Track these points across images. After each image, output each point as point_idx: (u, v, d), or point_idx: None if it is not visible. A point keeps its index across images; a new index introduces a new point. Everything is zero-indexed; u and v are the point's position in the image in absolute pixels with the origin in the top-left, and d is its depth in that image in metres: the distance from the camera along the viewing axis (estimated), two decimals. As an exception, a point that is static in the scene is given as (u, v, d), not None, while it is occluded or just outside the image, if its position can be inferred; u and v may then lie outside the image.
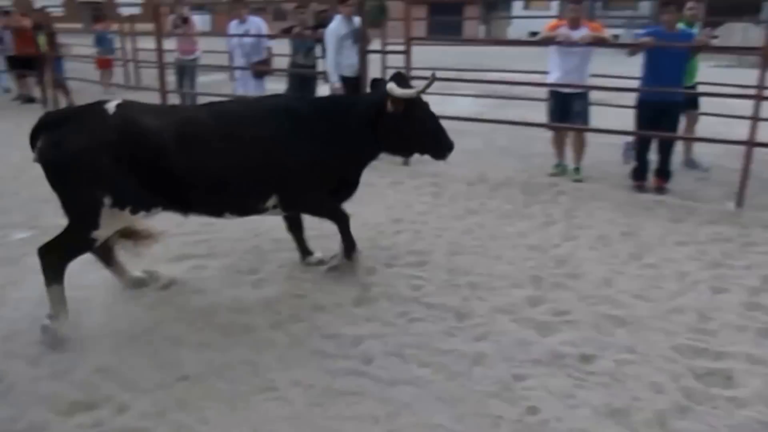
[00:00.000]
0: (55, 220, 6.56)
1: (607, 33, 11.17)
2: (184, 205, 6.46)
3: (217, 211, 6.67)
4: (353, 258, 7.20)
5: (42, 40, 18.84)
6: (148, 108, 6.41)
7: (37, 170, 5.81)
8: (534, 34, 57.25)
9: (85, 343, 5.76)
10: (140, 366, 5.43)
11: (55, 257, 5.91)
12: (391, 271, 7.41)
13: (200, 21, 17.55)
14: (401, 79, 6.80)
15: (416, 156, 7.50)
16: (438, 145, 7.02)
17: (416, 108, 6.72)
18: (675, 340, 5.91)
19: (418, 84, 6.73)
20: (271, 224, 8.32)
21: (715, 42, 12.81)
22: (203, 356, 5.60)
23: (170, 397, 5.05)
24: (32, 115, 6.95)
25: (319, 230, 7.88)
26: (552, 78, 11.47)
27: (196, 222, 7.62)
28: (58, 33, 20.22)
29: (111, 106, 5.98)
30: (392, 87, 6.47)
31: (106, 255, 6.68)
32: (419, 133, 6.86)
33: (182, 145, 6.05)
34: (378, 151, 7.06)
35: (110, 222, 5.98)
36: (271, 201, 6.68)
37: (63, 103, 18.66)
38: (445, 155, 7.10)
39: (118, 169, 5.78)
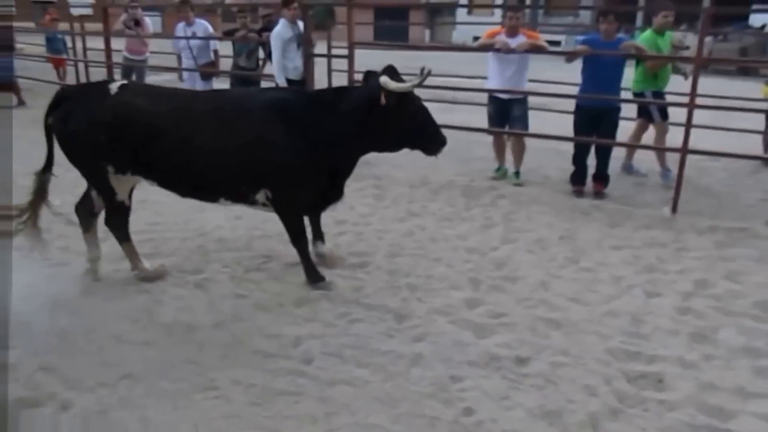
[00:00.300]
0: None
1: (543, 41, 11.27)
2: (177, 186, 6.94)
3: (209, 196, 7.05)
4: (316, 287, 7.12)
5: None
6: (148, 90, 7.01)
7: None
8: (477, 39, 57.44)
9: (29, 341, 5.79)
10: (84, 364, 5.48)
11: (110, 223, 7.13)
12: (332, 272, 7.44)
13: (151, 22, 17.39)
14: (393, 72, 6.68)
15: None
16: (430, 139, 6.98)
17: (409, 102, 6.67)
18: (608, 344, 6.02)
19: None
20: (217, 223, 8.40)
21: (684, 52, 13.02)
22: (146, 355, 5.66)
23: (113, 396, 5.10)
24: (-21, 112, 7.05)
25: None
26: (491, 84, 11.59)
27: (142, 221, 7.72)
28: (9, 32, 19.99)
29: (114, 87, 6.66)
30: (386, 80, 6.43)
31: (91, 221, 7.31)
32: (412, 127, 6.79)
33: (173, 127, 6.49)
34: (369, 146, 7.00)
35: (121, 185, 6.83)
36: (261, 195, 6.79)
37: (14, 101, 18.57)
38: (437, 150, 7.07)
39: (114, 143, 6.45)
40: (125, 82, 7.00)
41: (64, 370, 5.38)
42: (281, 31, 12.44)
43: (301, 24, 12.61)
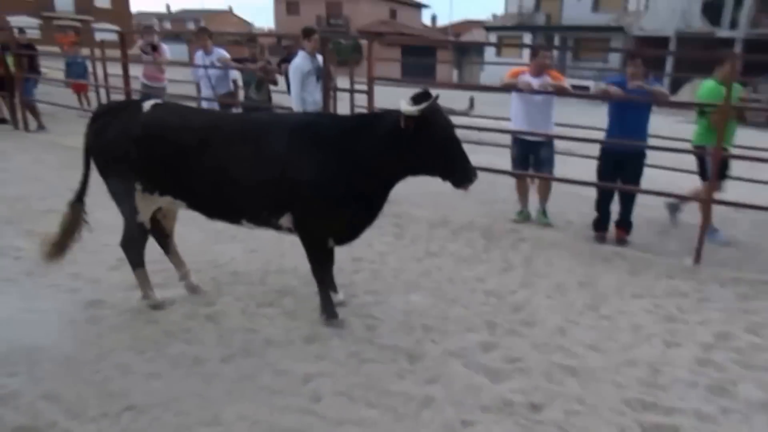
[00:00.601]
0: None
1: (567, 84, 11.16)
2: (203, 206, 6.90)
3: (233, 217, 6.91)
4: (329, 323, 7.00)
5: (10, 60, 18.71)
6: (180, 110, 6.98)
7: None
8: (506, 80, 57.70)
9: (33, 368, 5.73)
10: (87, 393, 5.40)
11: (126, 245, 7.11)
12: (346, 310, 7.34)
13: (176, 51, 17.35)
14: (425, 97, 6.25)
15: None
16: (456, 170, 6.45)
17: (432, 127, 6.20)
18: (625, 393, 5.90)
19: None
20: (233, 256, 8.33)
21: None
22: (151, 386, 5.57)
23: (115, 427, 5.03)
24: (1, 136, 7.04)
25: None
26: (514, 125, 11.47)
27: (157, 251, 7.61)
28: (33, 55, 20.13)
29: (147, 105, 6.75)
30: (402, 103, 6.17)
31: (163, 242, 7.64)
32: (435, 154, 6.31)
33: (201, 146, 6.48)
34: (398, 172, 6.60)
35: (145, 205, 6.87)
36: (285, 219, 6.65)
37: (33, 125, 18.60)
38: (464, 183, 6.48)
39: (143, 159, 6.52)
40: (159, 101, 7.00)
41: (66, 399, 5.31)
42: (300, 63, 12.31)
43: (320, 57, 12.54)
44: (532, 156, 11.40)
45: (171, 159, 6.54)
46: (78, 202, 7.08)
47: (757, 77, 30.91)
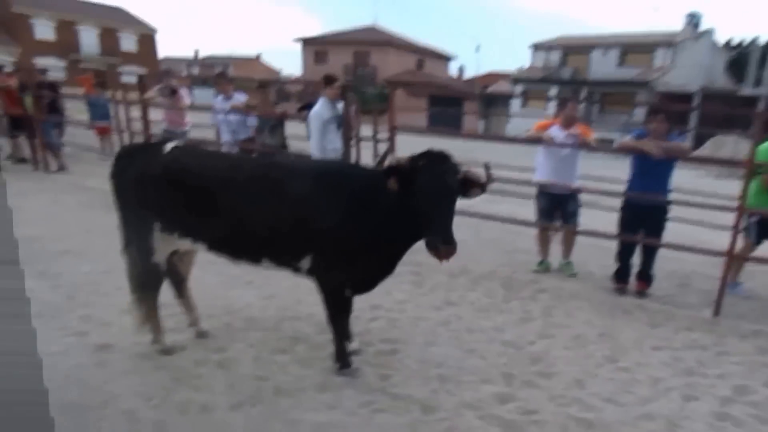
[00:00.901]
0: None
1: (594, 138, 11.10)
2: (224, 247, 6.78)
3: (254, 258, 6.77)
4: (341, 372, 6.90)
5: (28, 101, 18.79)
6: (199, 152, 6.96)
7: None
8: (532, 132, 58.11)
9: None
10: (91, 442, 5.29)
11: (139, 293, 7.03)
12: (360, 359, 7.24)
13: (204, 96, 17.28)
14: (432, 155, 5.88)
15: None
16: (429, 228, 5.67)
17: (417, 183, 5.73)
18: (642, 448, 5.75)
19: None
20: (247, 301, 8.26)
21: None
22: (157, 435, 5.44)
23: (115, 479, 4.93)
24: (21, 176, 7.02)
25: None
26: (540, 177, 11.38)
27: (169, 295, 7.54)
28: (55, 97, 20.24)
29: (168, 147, 6.80)
30: (390, 158, 5.89)
31: (178, 286, 7.62)
32: (417, 213, 5.78)
33: (222, 188, 6.45)
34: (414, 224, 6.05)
35: (163, 246, 6.85)
36: (305, 262, 6.53)
37: (53, 166, 18.65)
38: (433, 246, 5.64)
39: (163, 200, 6.56)
40: (179, 143, 7.06)
41: (69, 447, 5.20)
42: (320, 111, 12.20)
43: (340, 105, 12.49)
44: (558, 209, 11.34)
45: (191, 200, 6.54)
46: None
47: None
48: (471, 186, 6.00)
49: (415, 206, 5.79)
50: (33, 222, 12.33)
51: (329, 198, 6.29)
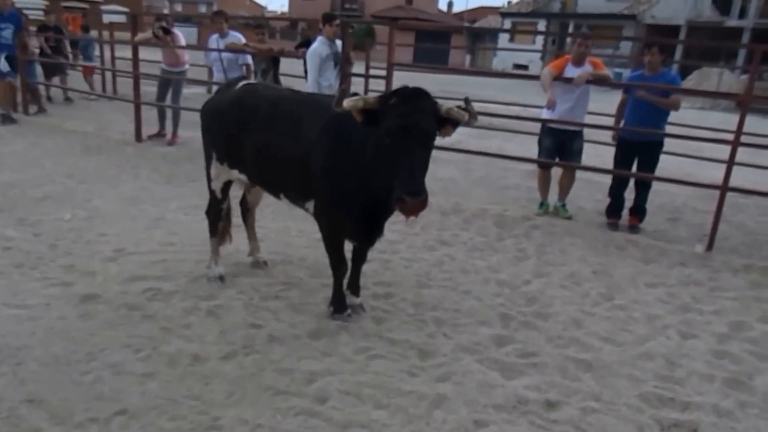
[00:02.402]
0: None
1: (606, 71, 10.97)
2: (255, 178, 7.22)
3: (273, 190, 7.13)
4: (334, 316, 6.78)
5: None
6: (261, 89, 7.36)
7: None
8: (518, 66, 58.47)
9: (17, 369, 5.47)
10: (75, 397, 5.12)
11: (207, 211, 7.78)
12: (355, 304, 7.08)
13: (186, 34, 17.02)
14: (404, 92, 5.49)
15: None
16: (396, 181, 5.22)
17: (383, 124, 5.38)
18: (642, 388, 5.79)
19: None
20: (236, 246, 8.11)
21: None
22: (145, 388, 5.30)
23: (103, 434, 4.77)
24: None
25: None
26: (550, 115, 11.15)
27: (156, 241, 7.45)
28: (60, 38, 20.15)
29: (240, 84, 7.39)
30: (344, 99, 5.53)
31: (244, 214, 8.23)
32: (383, 154, 5.46)
33: (257, 122, 6.78)
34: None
35: (218, 173, 7.46)
36: (310, 205, 6.62)
37: (32, 109, 18.36)
38: (398, 200, 5.16)
39: (222, 132, 7.14)
40: (251, 81, 7.91)
41: (52, 402, 5.02)
42: (319, 48, 12.29)
43: (339, 42, 12.51)
44: (563, 147, 11.22)
45: (234, 134, 6.94)
46: None
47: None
48: (451, 125, 5.69)
49: (384, 152, 5.43)
50: (11, 167, 12.06)
51: (327, 141, 6.18)
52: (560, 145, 11.18)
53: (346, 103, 5.48)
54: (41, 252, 7.88)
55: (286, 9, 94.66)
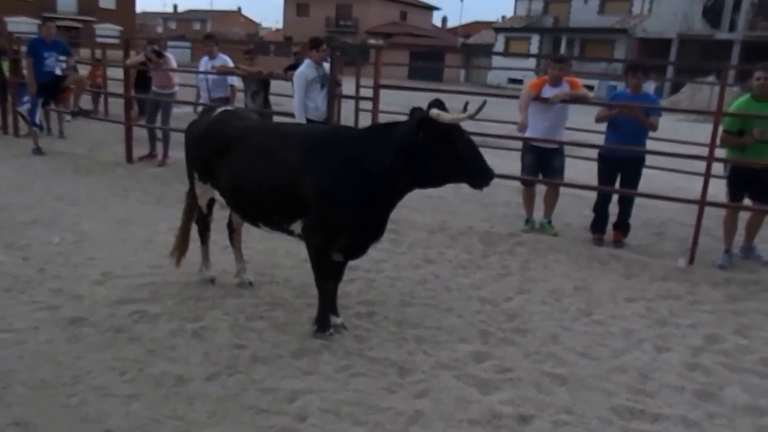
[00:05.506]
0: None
1: (584, 90, 11.18)
2: (231, 204, 7.54)
3: (251, 218, 7.41)
4: (317, 335, 6.94)
5: (5, 65, 18.55)
6: (233, 119, 7.61)
7: None
8: (513, 81, 58.59)
9: (4, 393, 5.57)
10: (61, 419, 5.25)
11: (197, 222, 8.26)
12: (338, 323, 7.19)
13: (179, 52, 17.14)
14: (440, 104, 6.32)
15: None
16: (477, 174, 6.45)
17: (455, 134, 6.26)
18: (613, 401, 5.91)
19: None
20: (224, 268, 8.27)
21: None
22: (130, 409, 5.42)
23: (87, 455, 4.91)
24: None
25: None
26: (531, 132, 11.38)
27: (144, 263, 7.56)
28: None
29: (217, 111, 7.83)
30: (438, 113, 6.12)
31: (230, 234, 8.40)
32: (457, 161, 6.32)
33: (230, 154, 7.16)
34: (412, 183, 6.63)
35: (203, 192, 7.92)
36: (296, 226, 6.84)
37: (24, 130, 18.39)
38: (484, 184, 6.52)
39: (202, 154, 7.55)
40: (229, 108, 8.46)
41: (38, 425, 5.14)
42: (305, 71, 12.35)
43: (326, 65, 12.58)
44: (543, 166, 11.43)
45: (217, 155, 7.28)
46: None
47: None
48: None
49: (453, 158, 6.29)
50: (0, 190, 12.23)
51: (318, 162, 6.50)
52: (541, 163, 11.36)
53: (447, 116, 6.19)
54: (30, 276, 7.96)
55: (280, 25, 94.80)
